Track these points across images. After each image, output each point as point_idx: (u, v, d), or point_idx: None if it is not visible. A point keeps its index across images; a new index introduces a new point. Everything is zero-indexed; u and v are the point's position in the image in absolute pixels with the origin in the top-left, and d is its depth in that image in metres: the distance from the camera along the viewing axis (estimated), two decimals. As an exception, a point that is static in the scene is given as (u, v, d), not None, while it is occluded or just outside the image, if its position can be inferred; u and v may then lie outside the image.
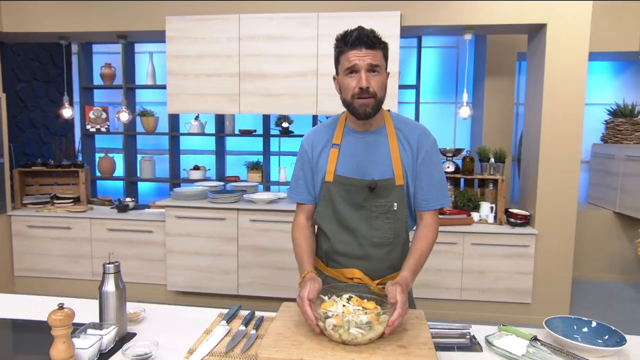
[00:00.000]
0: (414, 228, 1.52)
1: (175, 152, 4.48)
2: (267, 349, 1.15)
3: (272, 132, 4.40)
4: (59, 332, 1.08)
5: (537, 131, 3.28)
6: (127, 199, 3.85)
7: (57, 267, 3.68)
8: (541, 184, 3.26)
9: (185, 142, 4.74)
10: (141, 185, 4.82)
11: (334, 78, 1.45)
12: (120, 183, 5.01)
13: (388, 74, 1.42)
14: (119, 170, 4.73)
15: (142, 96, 4.74)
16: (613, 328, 1.34)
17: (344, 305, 1.26)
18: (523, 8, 3.16)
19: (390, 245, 1.46)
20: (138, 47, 4.68)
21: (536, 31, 3.35)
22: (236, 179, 4.51)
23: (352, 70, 1.35)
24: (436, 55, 4.66)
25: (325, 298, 1.30)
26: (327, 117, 4.17)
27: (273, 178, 4.56)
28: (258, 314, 1.49)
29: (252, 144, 4.71)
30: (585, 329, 1.37)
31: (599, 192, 4.40)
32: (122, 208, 3.69)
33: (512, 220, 3.32)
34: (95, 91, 4.70)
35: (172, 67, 3.50)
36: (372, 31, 1.36)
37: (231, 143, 4.74)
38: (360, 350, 1.15)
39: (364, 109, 1.36)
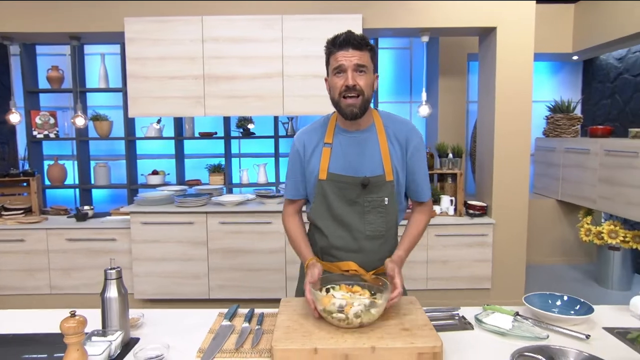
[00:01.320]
0: (400, 222, 1.62)
1: (132, 157, 4.34)
2: (280, 341, 1.20)
3: (233, 134, 4.38)
4: (73, 339, 1.07)
5: (491, 128, 3.52)
6: (86, 207, 3.67)
7: (10, 282, 3.45)
8: (496, 177, 3.50)
9: (141, 147, 4.60)
10: (95, 193, 4.62)
11: (325, 79, 1.52)
12: (71, 191, 4.77)
13: (376, 76, 1.50)
14: (70, 178, 4.51)
15: (92, 100, 4.53)
16: (582, 300, 1.51)
17: (342, 295, 1.34)
18: (476, 12, 3.38)
19: (383, 238, 1.55)
20: (87, 48, 4.48)
21: (486, 34, 3.58)
22: (197, 182, 4.44)
23: (340, 70, 1.42)
24: (390, 56, 4.85)
25: (323, 293, 1.36)
26: (288, 118, 4.30)
27: (235, 180, 4.54)
28: (258, 310, 1.52)
29: (212, 147, 4.66)
30: (558, 302, 1.53)
31: (542, 182, 4.77)
32: (81, 217, 3.52)
33: (470, 211, 3.54)
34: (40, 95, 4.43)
35: (132, 70, 3.40)
36: (361, 35, 1.44)
37: (190, 146, 4.65)
38: (369, 336, 1.22)
39: (350, 109, 1.43)
